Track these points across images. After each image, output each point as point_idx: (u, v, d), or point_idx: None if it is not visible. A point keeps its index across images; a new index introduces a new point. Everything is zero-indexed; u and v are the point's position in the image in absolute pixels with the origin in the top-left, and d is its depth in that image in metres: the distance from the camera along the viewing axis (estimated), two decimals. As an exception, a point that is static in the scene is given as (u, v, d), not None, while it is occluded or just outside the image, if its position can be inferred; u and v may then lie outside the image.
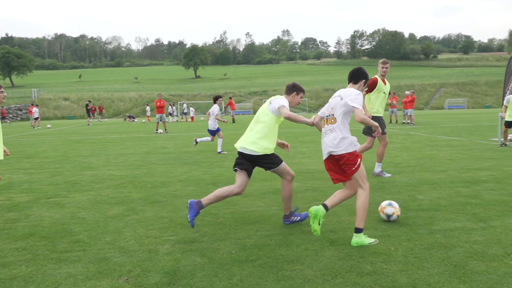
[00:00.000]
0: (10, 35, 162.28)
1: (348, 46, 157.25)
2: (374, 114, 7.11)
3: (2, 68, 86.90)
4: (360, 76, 4.15)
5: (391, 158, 9.48)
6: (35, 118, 31.47)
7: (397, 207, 4.52)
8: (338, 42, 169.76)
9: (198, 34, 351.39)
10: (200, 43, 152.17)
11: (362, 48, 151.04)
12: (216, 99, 11.56)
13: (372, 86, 7.08)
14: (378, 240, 3.94)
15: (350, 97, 3.92)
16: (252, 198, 5.86)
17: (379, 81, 7.16)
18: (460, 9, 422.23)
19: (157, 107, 20.95)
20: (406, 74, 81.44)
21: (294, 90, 4.55)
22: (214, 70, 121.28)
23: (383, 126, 7.29)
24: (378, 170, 7.45)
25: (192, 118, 37.27)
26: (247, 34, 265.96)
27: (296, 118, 4.30)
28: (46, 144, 15.90)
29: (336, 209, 4.97)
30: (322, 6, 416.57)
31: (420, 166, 8.38)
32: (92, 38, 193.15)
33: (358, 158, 3.92)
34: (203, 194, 6.22)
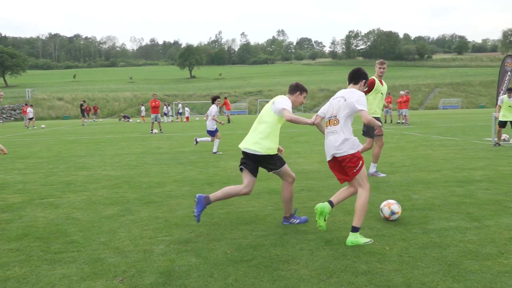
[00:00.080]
0: (3, 35, 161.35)
1: (343, 46, 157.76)
2: (372, 115, 7.11)
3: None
4: (360, 76, 4.20)
5: (386, 158, 9.51)
6: (30, 118, 31.25)
7: (400, 209, 4.61)
8: (333, 42, 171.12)
9: (193, 34, 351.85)
10: (195, 43, 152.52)
11: (357, 48, 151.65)
12: (214, 100, 11.50)
13: (370, 87, 7.10)
14: (373, 239, 3.96)
15: (355, 99, 3.96)
16: (247, 198, 5.85)
17: (377, 82, 7.18)
18: (454, 9, 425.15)
19: (152, 107, 20.88)
20: (401, 74, 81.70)
21: (298, 89, 4.60)
22: (209, 70, 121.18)
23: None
24: (373, 170, 7.49)
25: (187, 118, 37.18)
26: (242, 34, 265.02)
27: (297, 120, 4.35)
28: (40, 144, 15.81)
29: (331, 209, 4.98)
30: (317, 6, 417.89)
31: (414, 166, 8.42)
32: (86, 38, 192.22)
33: (360, 161, 3.96)
34: (198, 194, 6.22)
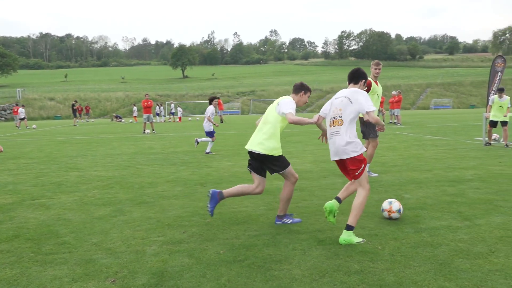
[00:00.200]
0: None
1: (335, 47, 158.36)
2: None
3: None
4: (360, 76, 4.26)
5: (378, 158, 9.55)
6: (21, 119, 30.93)
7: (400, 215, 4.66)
8: (325, 43, 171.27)
9: (186, 34, 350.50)
10: (187, 43, 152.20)
11: (350, 48, 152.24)
12: (211, 100, 11.44)
13: (368, 88, 7.14)
14: (365, 239, 3.98)
15: (362, 100, 4.00)
16: (239, 198, 5.84)
17: (373, 83, 7.22)
18: (445, 10, 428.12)
19: (144, 107, 20.78)
20: (393, 75, 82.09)
21: (302, 89, 4.67)
22: (202, 70, 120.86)
23: (375, 128, 7.36)
24: (365, 170, 7.50)
25: (180, 118, 37.05)
26: (235, 34, 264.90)
27: (300, 121, 4.41)
28: (31, 144, 15.66)
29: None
30: (309, 6, 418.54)
31: (406, 165, 8.47)
32: (78, 38, 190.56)
33: (362, 164, 3.99)
34: (191, 195, 6.21)
